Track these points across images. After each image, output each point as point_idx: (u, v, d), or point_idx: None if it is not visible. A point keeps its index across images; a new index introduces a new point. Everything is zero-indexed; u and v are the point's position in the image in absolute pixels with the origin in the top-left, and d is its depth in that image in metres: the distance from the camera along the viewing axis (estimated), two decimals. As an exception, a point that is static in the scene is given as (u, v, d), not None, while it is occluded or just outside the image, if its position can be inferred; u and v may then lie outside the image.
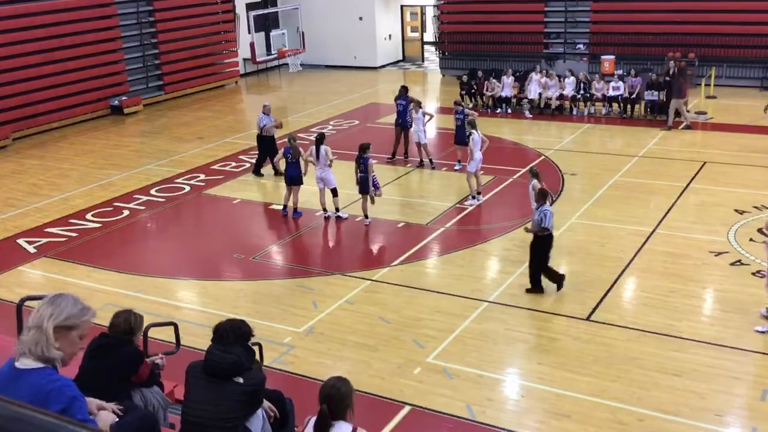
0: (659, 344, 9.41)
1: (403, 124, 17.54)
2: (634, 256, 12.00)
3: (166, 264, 12.81)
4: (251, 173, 17.17)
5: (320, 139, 14.09)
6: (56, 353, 3.36)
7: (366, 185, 13.59)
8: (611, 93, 21.09)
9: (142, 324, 5.65)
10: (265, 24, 30.07)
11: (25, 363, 3.36)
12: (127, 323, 5.44)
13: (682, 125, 19.28)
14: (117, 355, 5.26)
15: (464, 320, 10.18)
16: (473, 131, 14.57)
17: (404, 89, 17.75)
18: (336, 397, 4.53)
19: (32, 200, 16.08)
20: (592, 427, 7.86)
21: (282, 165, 14.96)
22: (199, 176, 17.23)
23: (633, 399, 8.30)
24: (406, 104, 17.44)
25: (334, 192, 14.05)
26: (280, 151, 14.69)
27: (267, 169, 17.00)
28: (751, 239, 12.32)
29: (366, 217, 13.86)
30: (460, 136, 16.10)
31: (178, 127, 22.34)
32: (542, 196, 10.73)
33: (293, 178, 14.34)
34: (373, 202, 13.83)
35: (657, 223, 13.31)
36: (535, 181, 11.88)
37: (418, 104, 17.06)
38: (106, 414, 4.12)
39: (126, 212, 15.13)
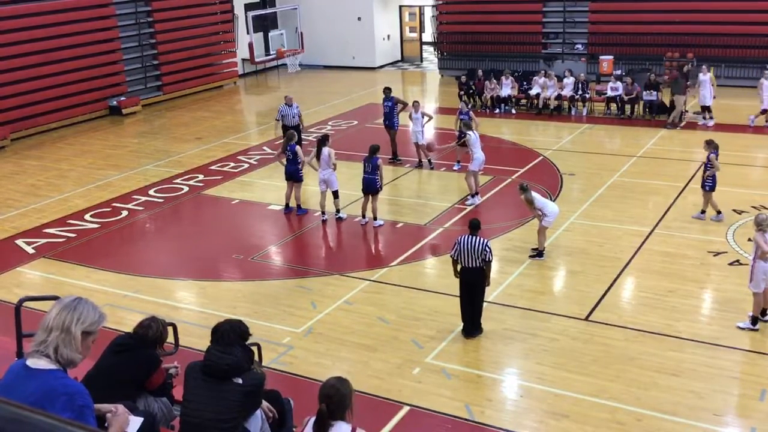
0: (658, 344, 9.42)
1: (390, 125, 17.53)
2: (633, 256, 12.00)
3: (165, 264, 12.81)
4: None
5: (322, 142, 14.06)
6: (77, 357, 3.48)
7: (370, 186, 13.58)
8: (609, 93, 21.15)
9: (167, 333, 5.79)
10: (264, 24, 30.08)
11: (38, 363, 3.42)
12: (155, 332, 5.56)
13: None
14: (135, 355, 5.34)
15: (463, 320, 10.17)
16: (468, 132, 14.61)
17: (388, 90, 17.71)
18: (335, 398, 4.53)
19: (31, 201, 16.07)
20: (590, 426, 7.87)
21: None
22: (197, 177, 17.23)
23: (631, 399, 8.31)
24: (392, 105, 17.43)
25: (335, 194, 14.05)
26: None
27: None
28: (749, 239, 12.29)
29: (363, 217, 13.85)
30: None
31: (176, 128, 22.34)
32: (474, 227, 9.66)
33: (292, 174, 14.40)
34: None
35: (655, 223, 13.32)
36: (522, 197, 11.87)
37: (417, 104, 17.04)
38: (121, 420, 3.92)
39: (124, 213, 15.12)
